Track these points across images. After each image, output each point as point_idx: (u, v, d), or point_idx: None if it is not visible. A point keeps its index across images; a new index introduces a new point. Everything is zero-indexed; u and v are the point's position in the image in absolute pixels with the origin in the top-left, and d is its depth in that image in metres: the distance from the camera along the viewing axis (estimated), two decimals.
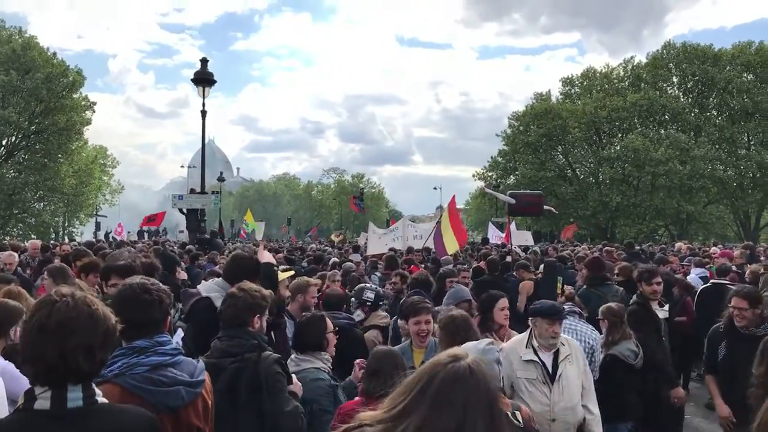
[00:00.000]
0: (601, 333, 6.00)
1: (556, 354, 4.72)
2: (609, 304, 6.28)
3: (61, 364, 2.03)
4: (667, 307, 7.33)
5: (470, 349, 3.36)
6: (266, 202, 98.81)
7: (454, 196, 15.91)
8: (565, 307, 5.89)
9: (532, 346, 4.74)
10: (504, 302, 5.38)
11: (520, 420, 3.41)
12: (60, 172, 47.91)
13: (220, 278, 4.59)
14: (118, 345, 2.66)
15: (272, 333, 4.50)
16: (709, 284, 9.04)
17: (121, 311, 2.57)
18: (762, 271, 7.69)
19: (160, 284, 3.04)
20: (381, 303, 6.40)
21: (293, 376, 3.83)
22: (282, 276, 5.26)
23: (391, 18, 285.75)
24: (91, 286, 6.32)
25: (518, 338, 4.96)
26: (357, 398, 3.69)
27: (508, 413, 3.30)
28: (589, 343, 5.70)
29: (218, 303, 3.88)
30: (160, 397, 2.66)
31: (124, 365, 2.67)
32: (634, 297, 6.94)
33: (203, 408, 2.85)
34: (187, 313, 4.24)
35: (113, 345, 2.31)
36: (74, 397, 2.08)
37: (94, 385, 2.17)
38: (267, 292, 3.88)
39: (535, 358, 4.68)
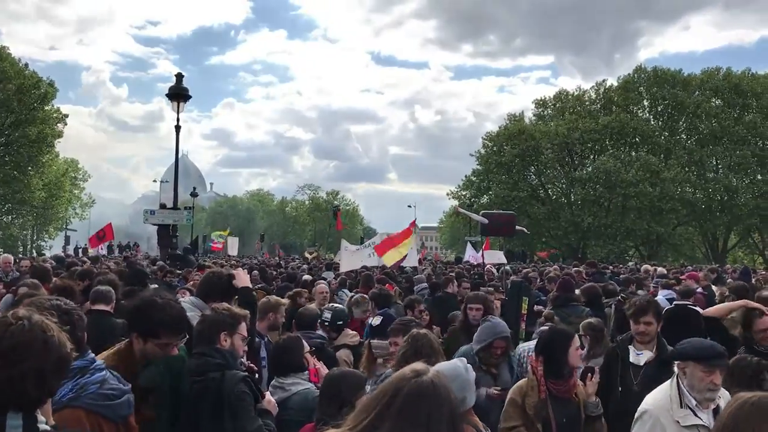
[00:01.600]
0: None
1: (716, 412, 3.52)
2: (589, 320, 6.35)
3: (7, 388, 1.94)
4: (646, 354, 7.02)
5: (455, 371, 3.35)
6: (239, 217, 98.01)
7: (414, 221, 16.14)
8: (543, 328, 5.93)
9: (688, 406, 3.59)
10: (578, 341, 4.59)
11: None
12: (30, 185, 47.16)
13: (194, 297, 4.55)
14: None
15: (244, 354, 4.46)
16: (672, 306, 9.07)
17: None
18: (726, 293, 7.80)
19: (71, 303, 2.98)
20: (340, 322, 6.27)
21: (267, 393, 3.81)
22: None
23: (367, 37, 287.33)
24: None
25: (663, 394, 3.75)
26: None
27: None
28: None
29: (194, 322, 3.85)
30: (116, 410, 2.72)
31: (75, 387, 2.66)
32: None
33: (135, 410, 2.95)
34: None
35: (64, 374, 2.22)
36: (14, 425, 1.96)
37: (39, 413, 2.05)
38: (239, 310, 3.86)
39: (699, 421, 3.55)
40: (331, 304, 6.64)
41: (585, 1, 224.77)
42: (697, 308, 8.72)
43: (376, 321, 5.59)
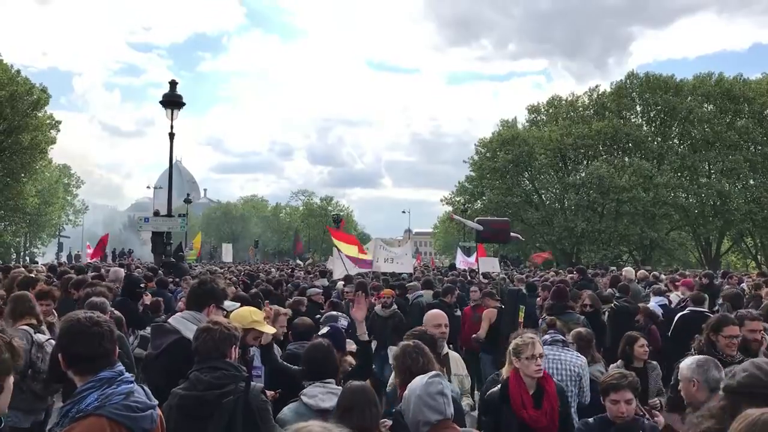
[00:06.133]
0: None
1: None
2: (578, 329, 6.39)
3: None
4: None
5: (416, 383, 3.48)
6: (233, 223, 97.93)
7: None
8: (546, 336, 5.95)
9: None
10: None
11: None
12: (23, 191, 46.90)
13: (187, 311, 4.52)
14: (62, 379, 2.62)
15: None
16: (687, 311, 8.91)
17: (72, 345, 2.75)
18: (720, 301, 7.82)
19: (103, 315, 3.05)
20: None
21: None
22: (253, 316, 5.03)
23: (361, 42, 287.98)
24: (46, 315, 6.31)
25: None
26: None
27: None
28: (574, 371, 5.66)
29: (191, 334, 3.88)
30: (139, 422, 2.77)
31: (100, 397, 2.72)
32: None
33: (162, 428, 3.02)
34: (162, 350, 4.18)
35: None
36: None
37: None
38: (243, 324, 3.92)
39: None
40: (333, 312, 6.63)
41: (578, 5, 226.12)
42: (711, 314, 8.73)
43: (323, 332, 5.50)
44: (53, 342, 5.19)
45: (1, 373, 1.95)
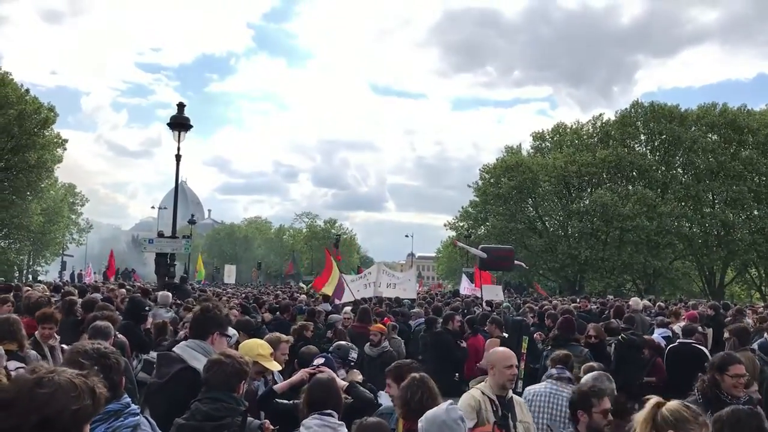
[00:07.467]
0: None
1: None
2: (590, 363, 6.31)
3: None
4: None
5: (435, 413, 3.50)
6: (237, 245, 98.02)
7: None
8: (553, 371, 5.90)
9: None
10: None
11: None
12: (28, 209, 46.92)
13: (192, 339, 4.49)
14: None
15: None
16: (677, 343, 9.04)
17: None
18: (726, 335, 7.77)
19: (110, 347, 3.08)
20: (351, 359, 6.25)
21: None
22: (259, 349, 5.05)
23: (366, 66, 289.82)
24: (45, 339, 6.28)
25: None
26: None
27: None
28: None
29: (199, 364, 3.87)
30: None
31: (108, 430, 2.72)
32: None
33: None
34: (167, 380, 4.16)
35: None
36: None
37: None
38: (249, 358, 3.92)
39: None
40: (344, 342, 6.56)
41: (583, 33, 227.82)
42: (701, 347, 8.75)
43: (318, 362, 5.43)
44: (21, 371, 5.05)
45: (80, 421, 1.89)
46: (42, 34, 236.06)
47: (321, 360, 5.45)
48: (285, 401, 4.98)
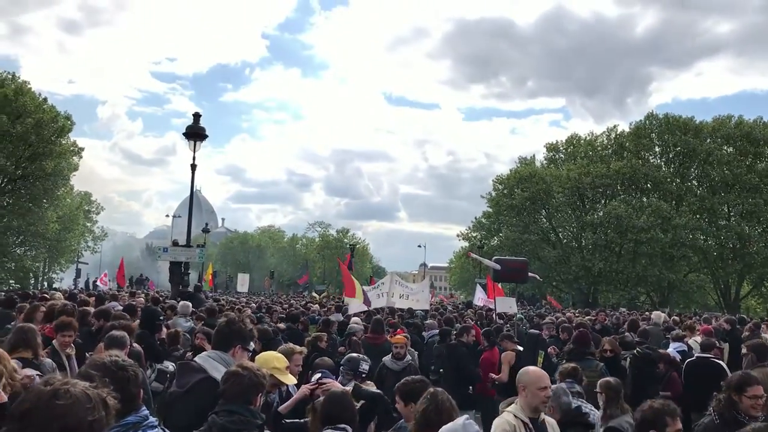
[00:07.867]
0: (597, 407, 5.78)
1: None
2: (607, 378, 6.23)
3: None
4: None
5: (451, 428, 3.49)
6: (250, 253, 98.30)
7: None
8: (563, 385, 5.86)
9: None
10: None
11: None
12: (44, 217, 47.29)
13: (214, 350, 4.52)
14: None
15: None
16: (695, 358, 9.01)
17: None
18: (744, 351, 7.70)
19: (128, 359, 3.11)
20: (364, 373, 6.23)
21: None
22: (275, 362, 5.05)
23: (380, 77, 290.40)
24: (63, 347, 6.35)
25: None
26: None
27: None
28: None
29: (218, 375, 3.89)
30: None
31: None
32: None
33: None
34: (187, 390, 4.19)
35: None
36: None
37: None
38: (266, 370, 3.92)
39: None
40: (354, 354, 6.56)
41: (597, 44, 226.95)
42: (719, 361, 8.69)
43: (316, 377, 5.39)
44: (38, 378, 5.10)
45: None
46: (60, 44, 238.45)
47: (318, 375, 5.48)
48: (296, 420, 4.98)
